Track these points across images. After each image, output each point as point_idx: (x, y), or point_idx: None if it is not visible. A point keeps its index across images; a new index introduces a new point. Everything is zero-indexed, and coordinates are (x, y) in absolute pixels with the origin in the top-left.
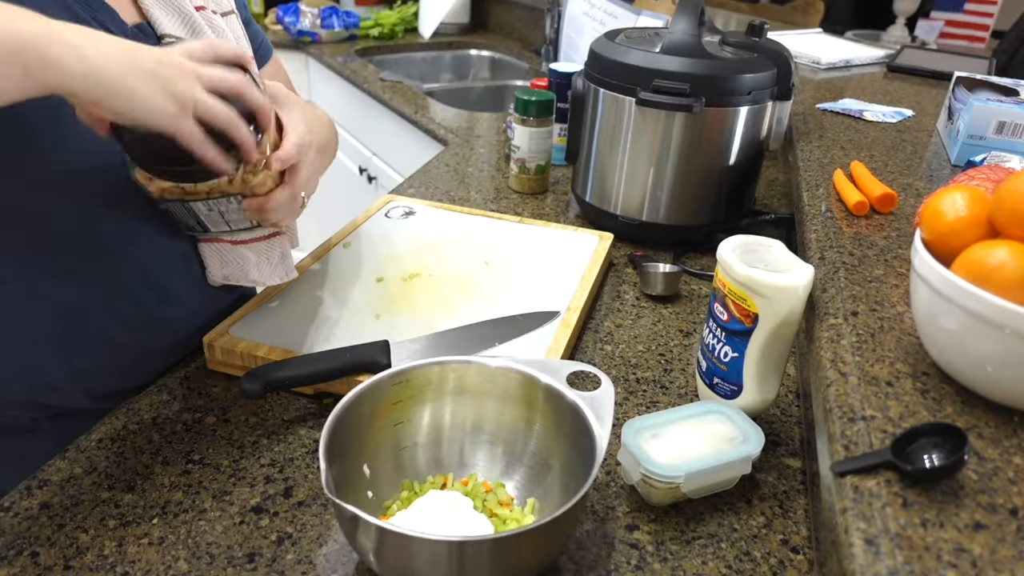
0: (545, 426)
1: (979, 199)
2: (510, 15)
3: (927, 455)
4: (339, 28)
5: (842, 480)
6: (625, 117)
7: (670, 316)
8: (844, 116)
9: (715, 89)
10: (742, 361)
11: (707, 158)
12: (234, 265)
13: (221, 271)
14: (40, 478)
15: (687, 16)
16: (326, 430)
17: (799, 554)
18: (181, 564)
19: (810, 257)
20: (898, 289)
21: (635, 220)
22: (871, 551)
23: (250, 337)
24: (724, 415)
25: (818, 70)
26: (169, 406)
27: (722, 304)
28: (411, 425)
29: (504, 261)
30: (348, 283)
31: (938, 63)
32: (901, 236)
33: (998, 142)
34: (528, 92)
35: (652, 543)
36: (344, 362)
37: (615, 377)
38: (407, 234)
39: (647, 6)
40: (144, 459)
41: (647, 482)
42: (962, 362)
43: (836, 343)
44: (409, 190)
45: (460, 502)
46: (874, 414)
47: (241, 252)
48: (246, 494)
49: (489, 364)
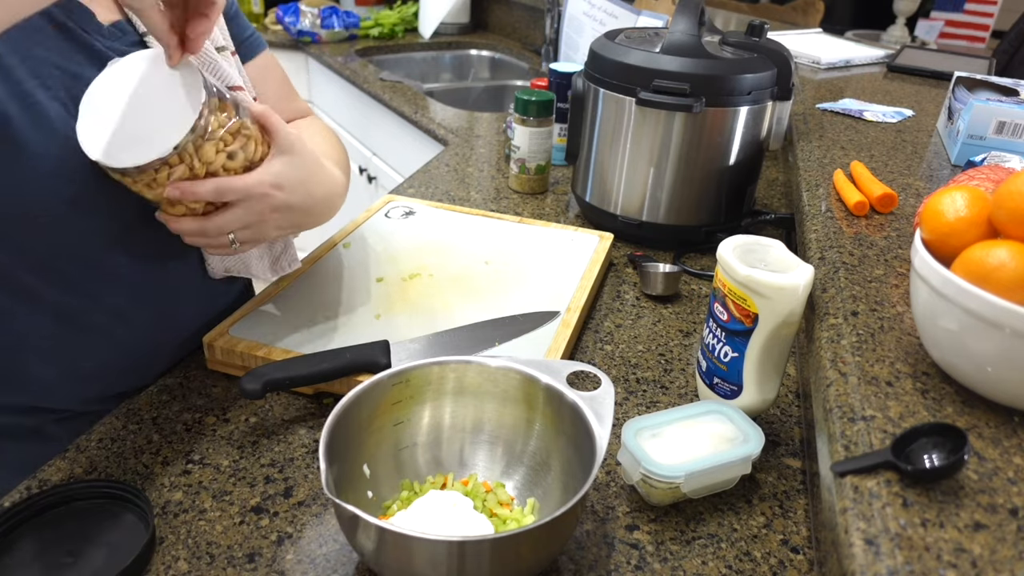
0: (545, 426)
1: (979, 199)
2: (510, 15)
3: (927, 455)
4: (339, 28)
5: (842, 480)
6: (625, 117)
7: (670, 316)
8: (844, 116)
9: (715, 89)
10: (742, 361)
11: (707, 158)
12: (235, 258)
13: (222, 263)
14: (40, 478)
15: (687, 16)
16: (326, 430)
17: (799, 554)
18: (181, 564)
19: (810, 257)
20: (898, 289)
21: (635, 220)
22: (871, 551)
23: (250, 337)
24: (724, 415)
25: (818, 70)
26: (169, 406)
27: (722, 304)
28: (411, 425)
29: (504, 261)
30: (348, 283)
31: (938, 63)
32: (901, 236)
33: (998, 142)
34: (528, 92)
35: (652, 543)
36: (344, 362)
37: (615, 377)
38: (407, 234)
39: (647, 6)
40: (144, 459)
41: (647, 482)
42: (962, 362)
43: (836, 343)
44: (409, 190)
45: (460, 502)
46: (874, 414)
47: None
48: (246, 494)
49: (489, 364)
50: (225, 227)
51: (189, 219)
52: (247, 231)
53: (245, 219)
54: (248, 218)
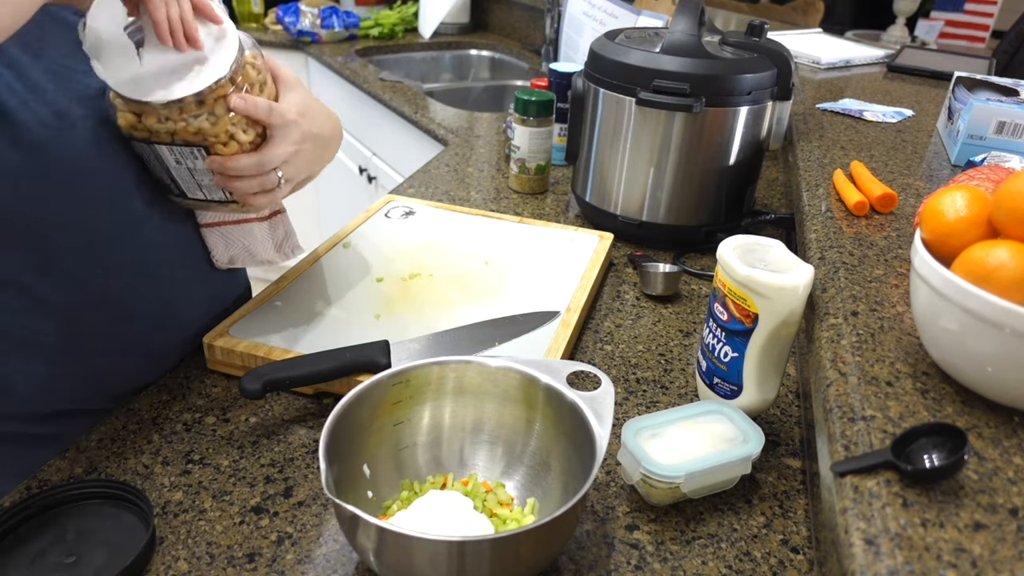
0: (545, 426)
1: (979, 199)
2: (510, 15)
3: (927, 455)
4: (339, 28)
5: (842, 480)
6: (625, 117)
7: (670, 316)
8: (844, 116)
9: (715, 89)
10: (742, 361)
11: (707, 158)
12: (239, 247)
13: (226, 253)
14: (40, 478)
15: (687, 16)
16: (326, 430)
17: (799, 554)
18: (181, 564)
19: (810, 257)
20: (898, 289)
21: (635, 220)
22: (871, 551)
23: (250, 337)
24: (724, 415)
25: (818, 70)
26: (169, 406)
27: (722, 304)
28: (411, 425)
29: (504, 261)
30: (348, 283)
31: (938, 63)
32: (901, 236)
33: (998, 142)
34: (528, 92)
35: (652, 543)
36: (344, 362)
37: (615, 377)
38: (407, 234)
39: (647, 6)
40: (144, 459)
41: (647, 482)
42: (962, 362)
43: (836, 343)
44: (409, 190)
45: (460, 502)
46: (874, 414)
47: (245, 231)
48: (246, 494)
49: (489, 364)
50: (274, 160)
51: (244, 155)
52: (288, 166)
53: (287, 150)
54: (288, 149)
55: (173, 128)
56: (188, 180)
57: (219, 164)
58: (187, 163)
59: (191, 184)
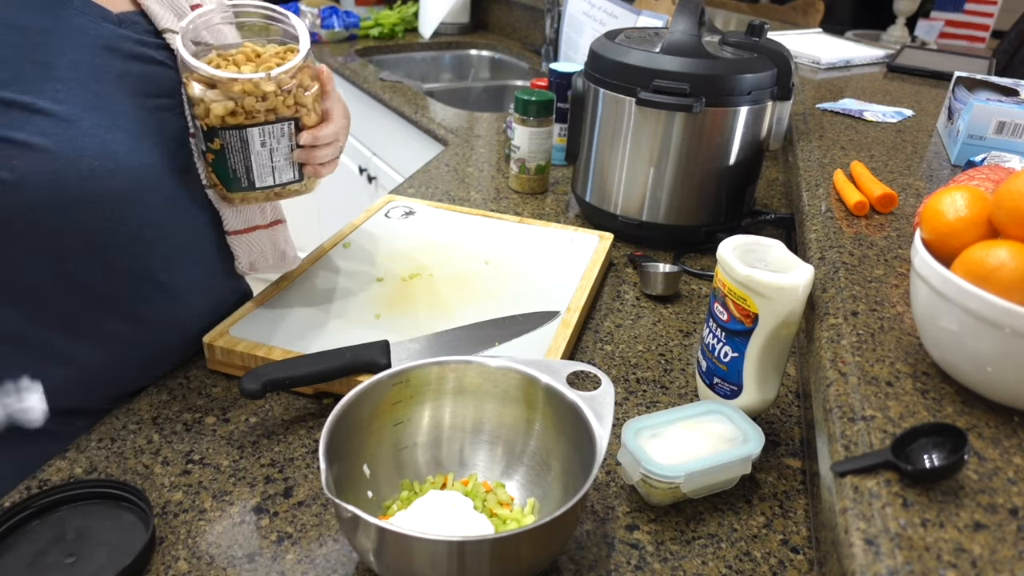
0: (545, 426)
1: (979, 199)
2: (510, 15)
3: (927, 455)
4: (339, 28)
5: (842, 480)
6: (625, 117)
7: (670, 316)
8: (844, 116)
9: (715, 89)
10: (742, 361)
11: (707, 158)
12: (258, 252)
13: (247, 258)
14: (40, 478)
15: (687, 16)
16: (326, 430)
17: (799, 554)
18: (181, 564)
19: (810, 257)
20: (898, 289)
21: (635, 220)
22: (871, 551)
23: (250, 337)
24: (724, 415)
25: (818, 70)
26: (169, 406)
27: (722, 304)
28: (411, 425)
29: (504, 261)
30: (348, 283)
31: (938, 63)
32: (901, 236)
33: (998, 142)
34: (528, 92)
35: (652, 543)
36: (344, 362)
37: (615, 377)
38: (407, 234)
39: (647, 6)
40: (144, 459)
41: (647, 482)
42: (962, 362)
43: (836, 343)
44: (409, 190)
45: (460, 502)
46: (874, 414)
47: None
48: (246, 494)
49: (489, 364)
50: (340, 129)
51: (324, 124)
52: (342, 137)
53: (342, 123)
54: (343, 122)
55: (274, 104)
56: (264, 164)
57: (311, 135)
58: (272, 143)
59: (265, 168)
